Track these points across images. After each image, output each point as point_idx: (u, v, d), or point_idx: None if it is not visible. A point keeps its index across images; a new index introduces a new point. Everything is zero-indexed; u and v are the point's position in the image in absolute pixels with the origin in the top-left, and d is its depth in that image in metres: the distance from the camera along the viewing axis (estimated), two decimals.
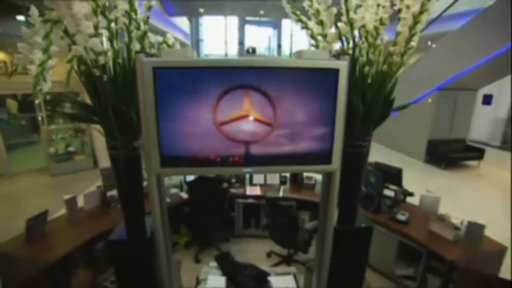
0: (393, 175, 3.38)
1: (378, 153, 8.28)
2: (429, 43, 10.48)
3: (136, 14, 1.28)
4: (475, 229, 2.48)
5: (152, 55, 1.16)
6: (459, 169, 6.94)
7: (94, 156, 6.63)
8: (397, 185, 3.35)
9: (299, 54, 1.19)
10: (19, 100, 7.09)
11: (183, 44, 14.31)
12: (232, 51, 17.37)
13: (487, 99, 9.21)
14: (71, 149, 6.29)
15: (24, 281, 2.08)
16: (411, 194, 3.29)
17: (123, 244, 1.70)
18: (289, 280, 2.22)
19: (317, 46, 1.65)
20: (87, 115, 1.32)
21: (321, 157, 1.30)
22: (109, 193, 3.30)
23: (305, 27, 1.65)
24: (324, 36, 1.52)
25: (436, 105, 7.03)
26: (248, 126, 1.21)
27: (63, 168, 6.19)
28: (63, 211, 4.40)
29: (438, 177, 6.47)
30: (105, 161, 6.66)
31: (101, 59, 1.13)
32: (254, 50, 16.67)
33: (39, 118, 6.15)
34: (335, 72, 1.17)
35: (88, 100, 1.35)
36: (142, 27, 1.32)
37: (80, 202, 3.12)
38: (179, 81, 1.13)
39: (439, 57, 6.83)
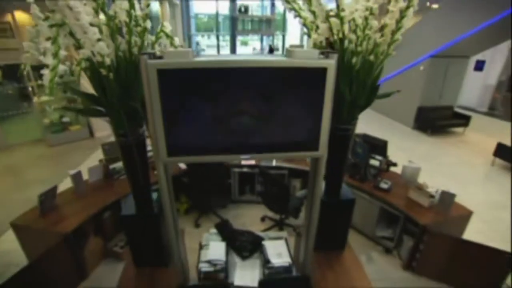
0: (379, 147, 3.60)
1: (369, 119, 8.51)
2: (428, 3, 10.16)
3: (135, 11, 1.32)
4: (447, 198, 2.77)
5: (154, 54, 1.24)
6: (445, 136, 7.23)
7: (89, 126, 6.66)
8: (382, 155, 3.58)
9: (290, 53, 1.28)
10: (2, 68, 6.85)
11: (171, 3, 13.51)
12: (223, 10, 16.52)
13: (479, 65, 9.26)
14: (65, 119, 6.29)
15: (44, 251, 2.31)
16: (394, 165, 3.54)
17: (134, 218, 1.91)
18: (280, 244, 2.50)
19: (309, 35, 1.73)
20: (96, 109, 1.43)
21: (309, 145, 1.46)
22: (111, 166, 3.47)
23: (298, 15, 1.71)
24: (316, 27, 1.60)
25: (428, 72, 7.09)
26: (246, 120, 1.35)
27: (59, 138, 6.24)
28: (66, 182, 4.59)
29: (424, 144, 6.78)
30: (100, 131, 6.73)
31: (107, 60, 1.21)
32: (246, 9, 15.87)
33: (29, 89, 6.06)
34: (323, 70, 1.28)
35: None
36: (141, 23, 1.37)
37: (84, 174, 3.28)
38: (182, 81, 1.23)
39: (435, 23, 6.73)
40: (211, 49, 22.78)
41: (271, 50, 19.34)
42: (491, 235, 3.59)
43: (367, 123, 7.43)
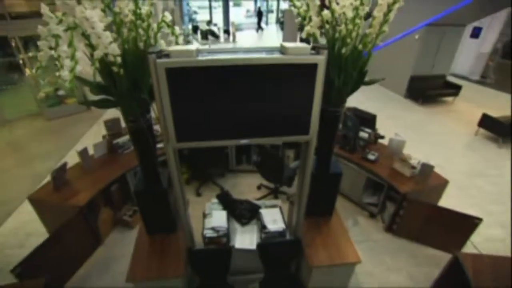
0: (368, 120, 3.81)
1: (363, 87, 8.57)
2: None
3: (140, 9, 1.41)
4: (426, 169, 3.04)
5: (161, 52, 1.37)
6: (435, 105, 7.41)
7: (85, 98, 6.67)
8: (371, 128, 3.80)
9: (285, 50, 1.41)
10: None
11: None
12: None
13: (476, 31, 9.18)
14: (61, 92, 6.28)
15: (63, 222, 2.56)
16: (382, 137, 3.77)
17: (145, 193, 2.13)
18: (275, 212, 2.79)
19: (302, 25, 1.83)
20: (109, 102, 1.57)
21: (301, 130, 1.65)
22: (114, 141, 3.63)
23: (293, 5, 1.80)
24: (309, 19, 1.70)
25: (422, 41, 7.07)
26: (245, 109, 1.52)
27: (56, 112, 6.28)
28: (69, 156, 4.78)
29: (414, 113, 6.97)
30: None
31: (119, 59, 1.33)
32: None
33: (20, 61, 5.95)
34: (314, 65, 1.42)
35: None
36: (146, 20, 1.46)
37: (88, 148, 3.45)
38: (188, 76, 1.37)
39: None
40: (203, 11, 21.73)
41: (260, 13, 18.61)
42: (464, 200, 3.95)
43: (361, 92, 7.56)
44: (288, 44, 1.41)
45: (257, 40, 15.91)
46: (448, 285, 2.45)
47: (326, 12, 1.60)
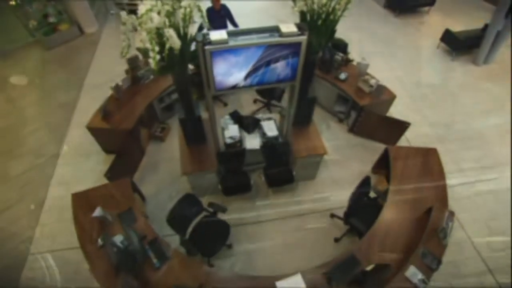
0: (341, 46, 4.63)
1: None
2: None
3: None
4: (380, 88, 4.12)
5: (205, 36, 2.18)
6: (410, 16, 7.78)
7: (79, 28, 6.73)
8: (343, 53, 4.66)
9: (281, 33, 2.25)
10: None
11: None
12: None
13: None
14: (51, 19, 6.28)
15: (122, 143, 3.63)
16: (351, 61, 4.68)
17: (187, 120, 3.18)
18: (271, 123, 3.93)
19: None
20: (165, 68, 2.40)
21: (290, 79, 2.62)
22: (136, 73, 4.38)
23: None
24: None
25: None
26: (259, 70, 2.44)
27: (53, 40, 6.43)
28: (87, 85, 5.42)
29: (388, 25, 7.46)
30: (89, 27, 6.86)
31: (178, 46, 2.14)
32: None
33: None
34: (299, 43, 2.30)
35: None
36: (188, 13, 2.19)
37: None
38: (224, 54, 2.24)
39: None
40: None
41: None
42: (410, 106, 5.16)
43: None
44: (283, 28, 2.25)
45: None
46: (381, 165, 3.90)
47: None
